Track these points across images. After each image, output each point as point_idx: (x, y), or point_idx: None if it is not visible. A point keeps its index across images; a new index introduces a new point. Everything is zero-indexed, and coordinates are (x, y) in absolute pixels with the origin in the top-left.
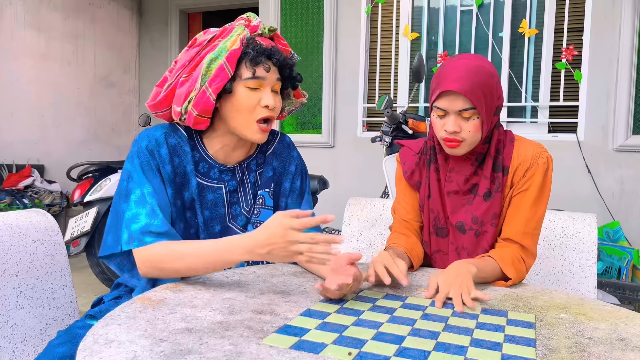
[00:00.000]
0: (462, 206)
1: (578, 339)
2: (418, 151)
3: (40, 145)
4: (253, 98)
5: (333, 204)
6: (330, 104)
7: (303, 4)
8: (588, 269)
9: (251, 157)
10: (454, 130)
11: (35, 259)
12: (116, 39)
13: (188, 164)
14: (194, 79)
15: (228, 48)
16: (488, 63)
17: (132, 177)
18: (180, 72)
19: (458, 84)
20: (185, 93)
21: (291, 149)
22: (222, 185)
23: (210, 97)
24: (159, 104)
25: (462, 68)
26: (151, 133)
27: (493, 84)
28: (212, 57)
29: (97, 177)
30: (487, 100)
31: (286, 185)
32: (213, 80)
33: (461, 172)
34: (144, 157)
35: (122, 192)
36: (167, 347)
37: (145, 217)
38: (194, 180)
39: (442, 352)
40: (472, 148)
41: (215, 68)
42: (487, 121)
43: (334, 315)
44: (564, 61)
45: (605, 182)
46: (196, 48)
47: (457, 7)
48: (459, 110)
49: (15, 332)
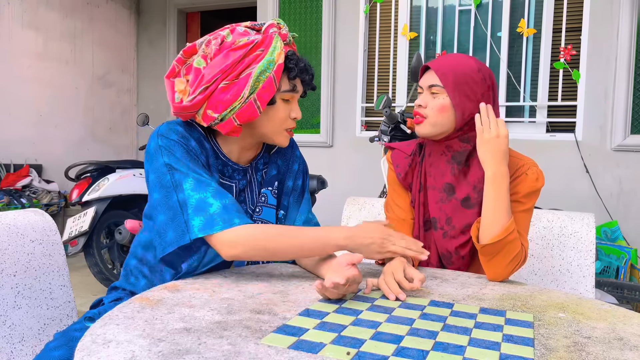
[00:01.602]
0: (435, 202)
1: (576, 339)
2: (410, 153)
3: (38, 145)
4: (286, 110)
5: (331, 204)
6: (328, 104)
7: (301, 4)
8: (586, 268)
9: (258, 156)
10: (419, 104)
11: (33, 259)
12: (114, 38)
13: (210, 159)
14: (239, 88)
15: (276, 60)
16: (480, 63)
17: (176, 168)
18: (219, 77)
19: (433, 63)
20: (230, 101)
21: (294, 148)
22: (234, 184)
23: (257, 110)
24: (191, 107)
25: (448, 56)
26: (174, 127)
27: (474, 76)
28: (262, 69)
29: (95, 176)
30: (461, 87)
31: (289, 184)
32: (262, 93)
33: (438, 168)
34: (182, 148)
35: (169, 185)
36: (166, 347)
37: (214, 199)
38: (215, 175)
39: (441, 352)
40: (438, 133)
41: (264, 80)
42: (459, 108)
43: (332, 315)
44: (562, 61)
45: (604, 182)
46: (238, 52)
47: (455, 6)
48: (428, 85)
49: (13, 332)
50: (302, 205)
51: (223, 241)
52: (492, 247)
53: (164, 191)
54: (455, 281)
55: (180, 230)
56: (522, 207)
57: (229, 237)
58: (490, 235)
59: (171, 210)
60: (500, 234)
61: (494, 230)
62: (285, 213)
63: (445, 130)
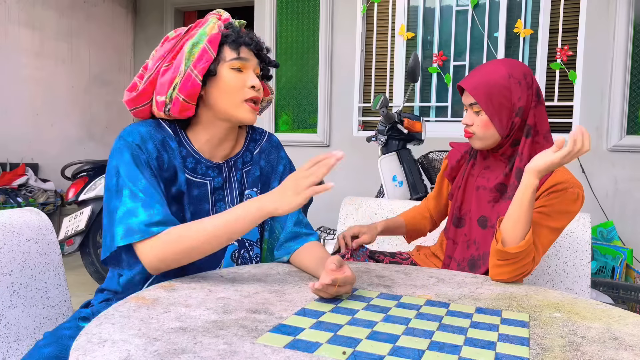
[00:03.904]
0: (487, 202)
1: (571, 338)
2: (463, 151)
3: (34, 144)
4: (239, 79)
5: (328, 203)
6: (325, 104)
7: (299, 3)
8: (582, 268)
9: (238, 154)
10: (465, 123)
11: (29, 258)
12: (111, 37)
13: (176, 159)
14: (177, 65)
15: (207, 33)
16: (511, 67)
17: (122, 172)
18: (160, 63)
19: (464, 81)
20: (170, 80)
21: (279, 149)
22: (208, 182)
23: (196, 79)
24: (139, 96)
25: (478, 68)
26: (135, 129)
27: (505, 83)
28: (194, 42)
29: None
30: (494, 98)
31: (274, 184)
32: (197, 63)
33: (494, 171)
34: (133, 151)
35: (113, 189)
36: (161, 346)
37: (143, 209)
38: (182, 175)
39: (436, 351)
40: (490, 145)
41: (198, 51)
42: (498, 119)
43: (328, 315)
44: (559, 61)
45: (600, 182)
46: (173, 40)
47: (452, 7)
48: (469, 104)
49: (9, 332)
50: None
51: (141, 252)
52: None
53: (107, 194)
54: (451, 281)
55: (111, 237)
56: (552, 224)
57: (144, 248)
58: (513, 242)
59: (109, 216)
60: (523, 244)
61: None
62: None
63: (495, 140)
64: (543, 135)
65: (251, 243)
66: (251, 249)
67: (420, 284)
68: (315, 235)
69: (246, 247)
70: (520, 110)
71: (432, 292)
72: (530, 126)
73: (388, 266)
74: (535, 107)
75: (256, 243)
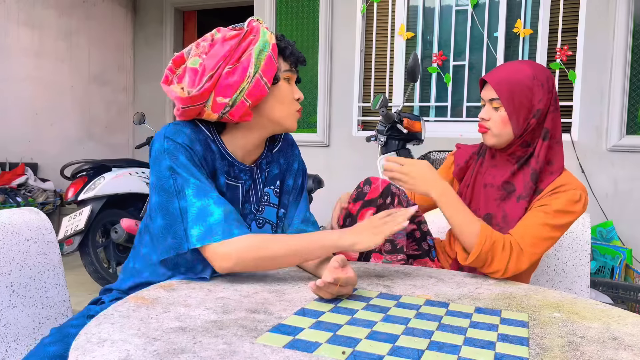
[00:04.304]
0: (494, 200)
1: (571, 338)
2: (472, 152)
3: (33, 143)
4: (290, 90)
5: (328, 203)
6: (325, 103)
7: (298, 3)
8: (581, 268)
9: (262, 156)
10: (482, 117)
11: (29, 258)
12: (111, 37)
13: (217, 161)
14: (244, 68)
15: (269, 41)
16: (536, 69)
17: (179, 173)
18: (221, 64)
19: (489, 75)
20: (237, 83)
21: (294, 147)
22: (240, 185)
23: (265, 86)
24: (200, 96)
25: (503, 65)
26: (180, 129)
27: (528, 84)
28: (260, 48)
29: (91, 175)
30: (516, 96)
31: (289, 182)
32: (266, 70)
33: (501, 169)
34: (186, 153)
35: (171, 190)
36: (161, 346)
37: (216, 206)
38: (222, 177)
39: (436, 351)
40: (502, 143)
41: (264, 59)
42: (516, 118)
43: (328, 315)
44: (558, 61)
45: (599, 182)
46: (232, 42)
47: (452, 6)
48: (489, 99)
49: (8, 331)
50: (301, 204)
51: (217, 253)
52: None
53: (164, 195)
54: (450, 281)
55: (179, 238)
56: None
57: (224, 249)
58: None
59: (171, 216)
60: (475, 251)
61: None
62: (285, 211)
63: (508, 139)
64: (557, 140)
65: None
66: None
67: (420, 283)
68: None
69: None
70: (538, 113)
71: (432, 292)
72: (548, 129)
73: (387, 266)
74: (554, 112)
75: None
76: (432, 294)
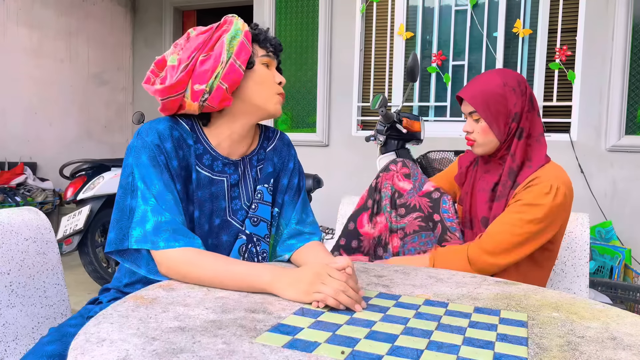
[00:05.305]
0: (485, 203)
1: (570, 338)
2: (472, 158)
3: (32, 143)
4: (269, 74)
5: (327, 203)
6: (324, 103)
7: (298, 3)
8: (580, 268)
9: (253, 152)
10: (466, 130)
11: (27, 257)
12: (110, 36)
13: (191, 157)
14: (217, 55)
15: (241, 29)
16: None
17: (137, 173)
18: (196, 54)
19: (463, 92)
20: (211, 68)
21: (290, 147)
22: (225, 179)
23: (239, 69)
24: (177, 85)
25: (475, 79)
26: (154, 127)
27: (500, 91)
28: (232, 35)
29: (90, 175)
30: (491, 106)
31: (284, 182)
32: (239, 54)
33: (492, 174)
34: (151, 153)
35: (128, 187)
36: (160, 345)
37: (152, 214)
38: (200, 172)
39: (435, 351)
40: (490, 150)
41: (237, 44)
42: (496, 125)
43: (327, 314)
44: (558, 61)
45: (598, 182)
46: (204, 34)
47: (451, 6)
48: (468, 112)
49: (7, 331)
50: (298, 205)
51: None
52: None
53: (121, 191)
54: (450, 280)
55: (122, 234)
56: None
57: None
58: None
59: (121, 212)
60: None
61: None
62: (280, 211)
63: (494, 145)
64: (536, 138)
65: (259, 238)
66: (259, 244)
67: (419, 283)
68: (318, 235)
69: (254, 242)
70: (516, 116)
71: (431, 291)
72: (522, 129)
73: (387, 266)
74: (529, 112)
75: (264, 239)
76: (431, 293)
